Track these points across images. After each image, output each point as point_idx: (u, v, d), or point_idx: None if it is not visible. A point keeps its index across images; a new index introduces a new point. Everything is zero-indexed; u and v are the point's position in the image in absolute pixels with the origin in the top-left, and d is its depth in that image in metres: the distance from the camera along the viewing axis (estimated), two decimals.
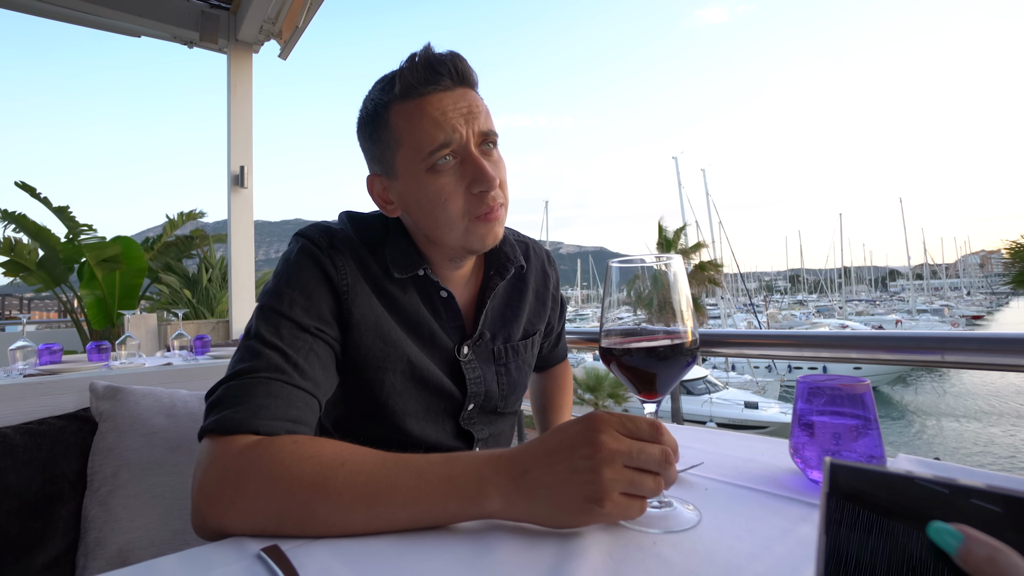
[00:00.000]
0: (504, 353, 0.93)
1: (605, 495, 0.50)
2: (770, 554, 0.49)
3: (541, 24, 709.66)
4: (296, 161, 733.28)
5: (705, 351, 1.56)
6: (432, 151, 0.73)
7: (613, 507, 0.50)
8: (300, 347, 0.70)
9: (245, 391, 0.64)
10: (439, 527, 0.56)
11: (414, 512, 0.55)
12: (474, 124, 0.75)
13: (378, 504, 0.55)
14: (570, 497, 0.51)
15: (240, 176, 3.04)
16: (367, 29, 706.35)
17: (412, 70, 0.74)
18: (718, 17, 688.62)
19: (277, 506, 0.55)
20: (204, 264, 6.79)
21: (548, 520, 0.53)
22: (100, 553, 0.98)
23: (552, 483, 0.52)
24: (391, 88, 0.76)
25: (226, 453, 0.59)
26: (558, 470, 0.52)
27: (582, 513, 0.51)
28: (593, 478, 0.50)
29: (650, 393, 0.61)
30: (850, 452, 0.63)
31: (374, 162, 0.83)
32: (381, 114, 0.77)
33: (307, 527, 0.55)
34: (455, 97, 0.75)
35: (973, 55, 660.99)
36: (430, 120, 0.73)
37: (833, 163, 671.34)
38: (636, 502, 0.51)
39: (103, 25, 2.85)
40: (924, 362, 1.06)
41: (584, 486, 0.50)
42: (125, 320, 2.14)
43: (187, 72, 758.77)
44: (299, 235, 0.82)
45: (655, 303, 0.58)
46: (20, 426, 1.05)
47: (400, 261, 0.82)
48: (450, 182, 0.75)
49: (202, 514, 0.57)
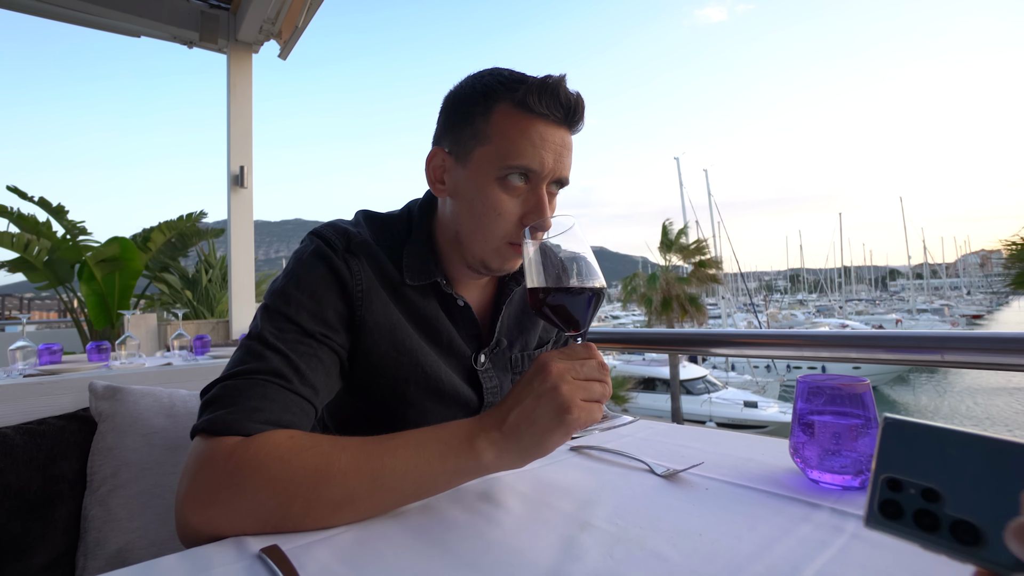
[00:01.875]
0: (521, 361, 0.93)
1: (571, 403, 0.58)
2: (770, 554, 0.49)
3: (540, 24, 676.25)
4: (296, 161, 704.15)
5: (705, 351, 1.56)
6: (513, 165, 0.74)
7: (580, 411, 0.59)
8: (303, 352, 0.69)
9: (241, 392, 0.63)
10: (439, 493, 0.62)
11: (416, 479, 0.58)
12: (559, 166, 0.76)
13: (381, 476, 0.57)
14: (544, 416, 0.59)
15: (240, 176, 3.04)
16: (367, 29, 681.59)
17: (542, 88, 0.74)
18: (717, 16, 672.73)
19: (280, 497, 0.55)
20: (204, 264, 6.78)
21: (536, 448, 0.60)
22: (100, 553, 0.98)
23: (527, 414, 0.60)
24: (512, 88, 0.75)
25: (216, 455, 0.58)
26: (527, 403, 0.60)
27: (559, 426, 0.59)
28: (555, 394, 0.59)
29: (574, 328, 0.69)
30: (850, 452, 0.63)
31: (449, 139, 0.80)
32: (488, 103, 0.76)
33: (311, 515, 0.55)
34: (560, 134, 0.76)
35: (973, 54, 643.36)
36: (528, 140, 0.74)
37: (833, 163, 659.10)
38: (595, 406, 0.61)
39: (103, 25, 2.85)
40: (924, 362, 1.06)
41: (551, 403, 0.59)
42: (125, 320, 2.14)
43: (187, 72, 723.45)
44: (314, 234, 0.79)
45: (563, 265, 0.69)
46: (20, 426, 1.05)
47: (416, 268, 0.81)
48: (512, 203, 0.76)
49: (188, 521, 0.55)
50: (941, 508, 0.29)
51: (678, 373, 15.44)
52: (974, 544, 0.27)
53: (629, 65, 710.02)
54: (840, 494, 0.63)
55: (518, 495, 0.65)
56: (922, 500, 0.29)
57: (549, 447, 0.60)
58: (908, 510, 0.29)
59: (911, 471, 0.30)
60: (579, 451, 0.83)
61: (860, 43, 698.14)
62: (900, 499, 0.30)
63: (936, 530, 0.28)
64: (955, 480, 0.28)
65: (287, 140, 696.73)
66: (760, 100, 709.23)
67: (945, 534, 0.28)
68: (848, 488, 0.64)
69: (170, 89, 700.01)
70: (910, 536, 0.29)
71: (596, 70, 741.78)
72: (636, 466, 0.75)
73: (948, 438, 0.29)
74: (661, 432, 0.93)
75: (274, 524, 0.55)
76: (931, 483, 0.29)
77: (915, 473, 0.30)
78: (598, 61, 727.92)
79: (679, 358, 14.96)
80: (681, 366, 16.85)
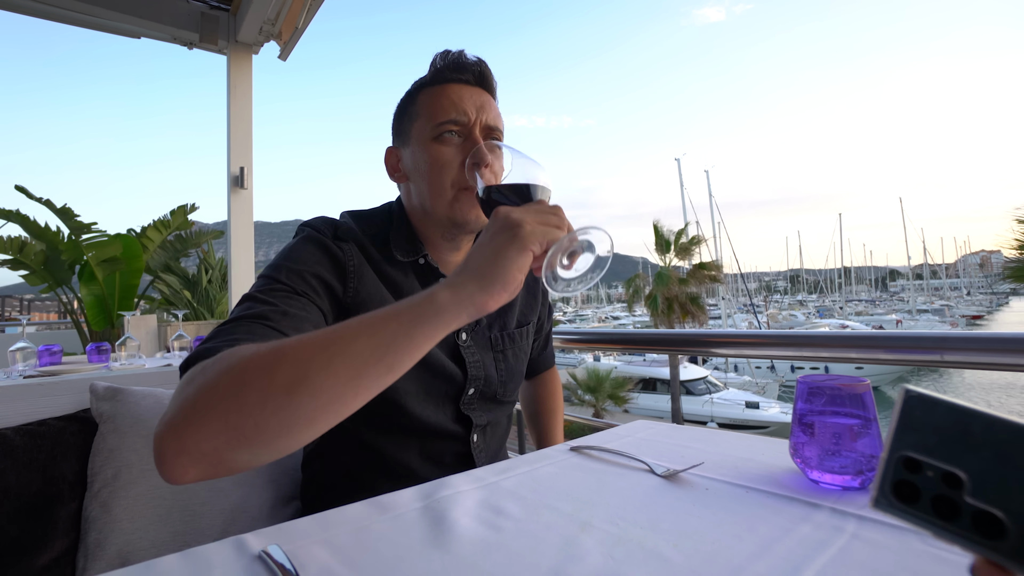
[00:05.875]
0: (501, 341, 0.98)
1: (522, 220, 0.56)
2: (771, 554, 0.49)
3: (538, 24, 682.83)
4: (296, 162, 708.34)
5: (705, 352, 1.56)
6: (441, 123, 0.84)
7: (532, 227, 0.55)
8: (292, 304, 0.72)
9: (226, 331, 0.64)
10: (405, 359, 0.53)
11: (369, 337, 0.51)
12: (483, 115, 0.87)
13: (332, 343, 0.51)
14: (496, 239, 0.55)
15: (240, 177, 3.04)
16: (367, 30, 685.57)
17: (444, 59, 0.89)
18: (715, 16, 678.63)
19: (234, 388, 0.49)
20: (204, 265, 6.78)
21: (491, 268, 0.55)
22: (100, 554, 0.98)
23: (481, 246, 0.57)
24: (424, 77, 0.90)
25: (189, 375, 0.54)
26: (483, 243, 0.57)
27: (512, 241, 0.55)
28: (507, 220, 0.56)
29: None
30: (850, 452, 0.63)
31: (395, 135, 0.94)
32: (412, 95, 0.90)
33: (268, 401, 0.48)
34: (473, 92, 0.88)
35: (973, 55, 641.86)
36: (447, 100, 0.86)
37: (833, 163, 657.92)
38: (551, 228, 0.57)
39: (103, 26, 2.85)
40: (924, 362, 1.06)
41: (503, 227, 0.56)
42: (125, 321, 2.14)
43: (187, 74, 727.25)
44: (305, 225, 0.86)
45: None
46: (20, 427, 1.05)
47: (403, 246, 0.89)
48: (450, 152, 0.85)
49: (162, 440, 0.49)
50: (961, 495, 0.26)
51: (678, 374, 15.45)
52: (995, 538, 0.25)
53: (628, 66, 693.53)
54: (840, 494, 0.63)
55: (518, 496, 0.65)
56: (943, 485, 0.27)
57: (506, 267, 0.54)
58: (926, 494, 0.27)
59: (932, 452, 0.27)
60: (579, 451, 0.83)
61: (860, 43, 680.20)
62: (917, 481, 0.27)
63: (955, 519, 0.26)
64: (980, 466, 0.26)
65: (287, 141, 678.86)
66: (760, 100, 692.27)
67: (965, 524, 0.26)
68: (848, 488, 0.64)
69: (170, 91, 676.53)
70: (923, 522, 0.27)
71: (595, 72, 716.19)
72: (636, 466, 0.75)
73: (975, 419, 0.26)
74: (661, 432, 0.93)
75: (234, 423, 0.48)
76: (954, 467, 0.27)
77: (937, 455, 0.27)
78: (597, 63, 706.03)
79: (679, 359, 14.97)
80: (682, 367, 16.86)
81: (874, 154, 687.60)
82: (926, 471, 0.27)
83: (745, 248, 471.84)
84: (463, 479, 0.71)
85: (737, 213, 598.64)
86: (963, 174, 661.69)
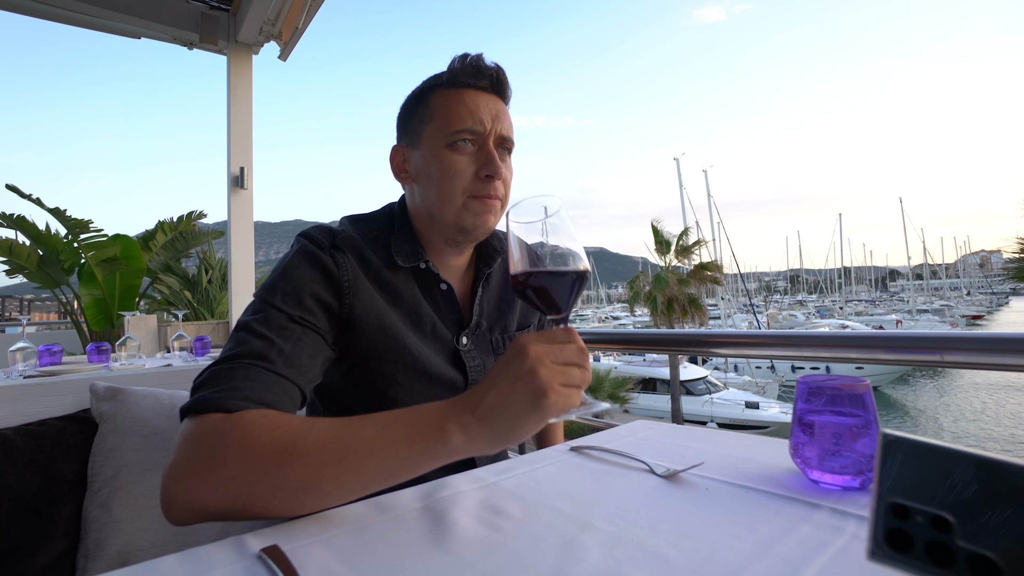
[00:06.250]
0: (502, 343, 0.98)
1: (548, 387, 0.56)
2: (771, 554, 0.49)
3: (538, 25, 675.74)
4: (296, 162, 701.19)
5: (705, 352, 1.56)
6: (457, 130, 0.84)
7: (557, 397, 0.56)
8: (288, 336, 0.72)
9: (225, 374, 0.66)
10: (408, 478, 0.59)
11: (381, 460, 0.57)
12: (498, 125, 0.86)
13: (345, 458, 0.56)
14: (519, 401, 0.56)
15: (240, 177, 3.04)
16: (367, 30, 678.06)
17: (462, 63, 0.87)
18: (715, 16, 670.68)
19: (248, 474, 0.56)
20: (204, 265, 6.78)
21: (509, 433, 0.57)
22: (100, 555, 0.98)
23: (501, 397, 0.57)
24: (440, 77, 0.88)
25: (199, 431, 0.60)
26: (503, 386, 0.57)
27: (535, 411, 0.56)
28: (532, 378, 0.56)
29: (556, 312, 0.66)
30: (850, 452, 0.63)
31: (403, 134, 0.92)
32: (425, 94, 0.89)
33: (277, 494, 0.55)
34: (489, 100, 0.87)
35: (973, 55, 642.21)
36: (464, 107, 0.85)
37: (833, 164, 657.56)
38: (573, 391, 0.58)
39: (103, 27, 2.85)
40: (924, 362, 1.06)
41: (528, 387, 0.56)
42: (125, 321, 2.14)
43: (187, 74, 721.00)
44: (301, 235, 0.85)
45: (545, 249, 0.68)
46: (20, 427, 1.05)
47: (405, 251, 0.88)
48: (463, 160, 0.84)
49: (171, 492, 0.57)
50: (953, 539, 0.25)
51: (678, 374, 15.44)
52: None
53: (628, 67, 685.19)
54: (840, 494, 0.63)
55: (518, 496, 0.65)
56: (933, 530, 0.26)
57: (523, 433, 0.58)
58: (919, 541, 0.26)
59: (918, 496, 0.27)
60: (579, 451, 0.83)
61: (860, 43, 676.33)
62: (908, 528, 0.27)
63: (951, 565, 0.25)
64: (966, 508, 0.25)
65: (287, 141, 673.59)
66: (760, 100, 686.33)
67: (962, 569, 0.25)
68: (848, 488, 0.64)
69: (170, 91, 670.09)
70: (921, 572, 0.26)
71: (595, 72, 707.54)
72: (636, 466, 0.75)
73: (955, 459, 0.26)
74: (661, 432, 0.93)
75: (243, 502, 0.56)
76: (941, 511, 0.26)
77: (922, 499, 0.27)
78: (597, 63, 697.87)
79: (679, 359, 14.96)
80: (682, 367, 16.84)
81: (874, 154, 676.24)
82: (915, 516, 0.27)
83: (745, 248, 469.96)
84: (463, 479, 0.71)
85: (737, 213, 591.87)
86: (963, 174, 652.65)
